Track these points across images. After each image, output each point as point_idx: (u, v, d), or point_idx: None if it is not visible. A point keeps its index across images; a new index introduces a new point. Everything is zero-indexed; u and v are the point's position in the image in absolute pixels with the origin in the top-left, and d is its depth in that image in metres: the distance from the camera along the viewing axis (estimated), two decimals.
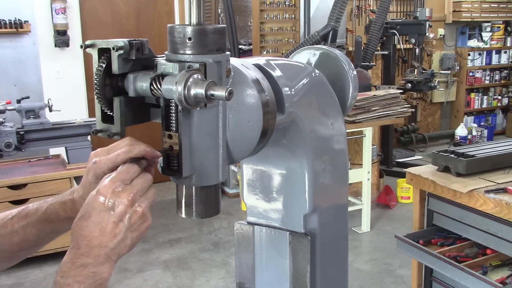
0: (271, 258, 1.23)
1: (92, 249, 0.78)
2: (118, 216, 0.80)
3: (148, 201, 0.84)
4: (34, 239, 1.04)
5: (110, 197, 0.80)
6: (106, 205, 0.80)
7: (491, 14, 7.81)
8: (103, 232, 0.79)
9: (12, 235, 1.02)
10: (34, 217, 1.02)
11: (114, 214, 0.80)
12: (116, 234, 0.80)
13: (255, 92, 0.96)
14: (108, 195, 0.80)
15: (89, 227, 0.79)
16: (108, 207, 0.80)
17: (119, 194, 0.81)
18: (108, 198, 0.80)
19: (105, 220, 0.79)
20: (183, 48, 0.89)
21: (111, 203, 0.80)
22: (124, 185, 0.82)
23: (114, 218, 0.80)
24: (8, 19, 4.87)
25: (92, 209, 0.80)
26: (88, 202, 0.82)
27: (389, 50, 6.32)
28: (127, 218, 0.81)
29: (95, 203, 0.80)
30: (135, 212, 0.82)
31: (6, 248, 1.03)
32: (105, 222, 0.79)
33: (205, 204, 0.99)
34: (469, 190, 2.31)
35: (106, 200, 0.80)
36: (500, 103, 8.44)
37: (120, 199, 0.80)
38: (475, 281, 2.20)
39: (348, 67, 1.30)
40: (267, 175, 1.20)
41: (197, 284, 3.82)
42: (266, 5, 6.24)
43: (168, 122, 0.92)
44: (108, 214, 0.80)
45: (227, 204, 5.35)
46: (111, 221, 0.79)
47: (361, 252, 4.31)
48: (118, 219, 0.80)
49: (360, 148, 4.66)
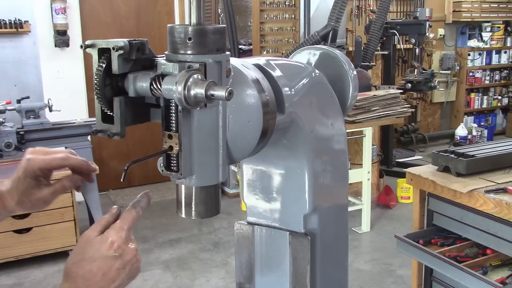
0: (271, 258, 1.23)
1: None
2: (123, 264, 0.83)
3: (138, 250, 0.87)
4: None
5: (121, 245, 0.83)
6: (115, 253, 0.82)
7: (491, 14, 7.81)
8: (105, 277, 0.81)
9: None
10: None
11: (120, 261, 0.83)
12: (115, 280, 0.82)
13: (255, 92, 0.96)
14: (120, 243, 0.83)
15: (93, 271, 0.81)
16: (116, 256, 0.82)
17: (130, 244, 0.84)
18: (119, 246, 0.83)
19: (111, 267, 0.82)
20: (183, 48, 0.89)
21: (120, 251, 0.83)
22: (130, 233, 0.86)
23: (119, 265, 0.82)
24: (8, 19, 4.87)
25: (98, 252, 0.82)
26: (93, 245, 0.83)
27: (389, 50, 6.32)
28: (129, 266, 0.84)
29: (103, 247, 0.82)
30: (137, 261, 0.85)
31: None
32: (110, 268, 0.82)
33: (205, 204, 0.99)
34: (469, 190, 2.31)
35: (116, 247, 0.83)
36: (500, 103, 8.44)
37: (130, 249, 0.84)
38: (475, 281, 2.20)
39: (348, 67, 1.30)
40: (267, 175, 1.20)
41: (197, 284, 3.82)
42: (266, 5, 6.24)
43: (168, 122, 0.92)
44: (115, 261, 0.82)
45: (227, 204, 5.35)
46: (115, 267, 0.82)
47: (361, 252, 4.31)
48: (122, 266, 0.83)
49: (360, 148, 4.66)
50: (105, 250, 0.83)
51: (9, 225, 3.94)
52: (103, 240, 0.84)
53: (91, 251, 0.83)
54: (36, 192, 0.99)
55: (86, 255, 0.83)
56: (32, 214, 3.98)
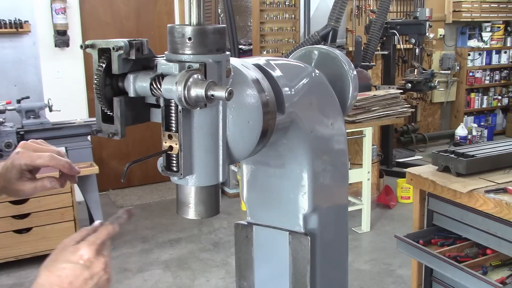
0: (271, 258, 1.23)
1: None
2: (90, 275, 0.86)
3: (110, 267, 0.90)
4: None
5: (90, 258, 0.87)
6: (84, 263, 0.86)
7: (491, 14, 7.81)
8: (72, 285, 0.85)
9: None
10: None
11: (87, 272, 0.86)
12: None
13: (255, 92, 0.96)
14: (89, 255, 0.87)
15: (61, 278, 0.85)
16: (85, 266, 0.86)
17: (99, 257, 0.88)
18: (88, 258, 0.87)
19: (78, 276, 0.85)
20: (183, 48, 0.89)
21: (89, 262, 0.87)
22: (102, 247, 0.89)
23: (86, 275, 0.86)
24: (8, 19, 4.87)
25: (68, 262, 0.86)
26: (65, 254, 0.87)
27: (389, 50, 6.32)
28: (97, 278, 0.87)
29: (73, 257, 0.86)
30: (105, 273, 0.88)
31: None
32: (78, 277, 0.85)
33: (205, 204, 0.99)
34: (469, 190, 2.31)
35: (86, 258, 0.86)
36: (500, 103, 8.44)
37: (98, 262, 0.87)
38: (475, 281, 2.20)
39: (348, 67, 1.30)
40: (267, 175, 1.20)
41: (197, 284, 3.82)
42: (266, 5, 6.24)
43: (168, 122, 0.92)
44: (82, 271, 0.86)
45: (227, 204, 5.35)
46: (82, 277, 0.86)
47: (361, 252, 4.31)
48: (89, 277, 0.86)
49: (360, 148, 4.66)
50: (75, 260, 0.86)
51: (9, 225, 3.94)
52: (75, 250, 0.87)
53: (63, 259, 0.87)
54: (19, 183, 1.05)
55: (58, 261, 0.87)
56: (32, 214, 3.98)
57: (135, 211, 0.98)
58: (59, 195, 4.04)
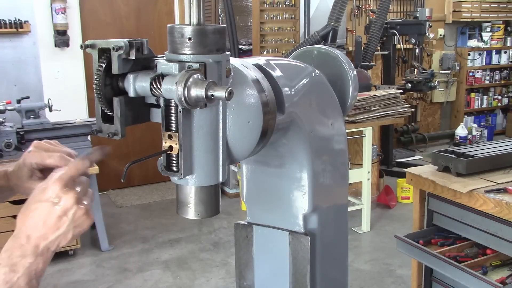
0: (271, 258, 1.23)
1: (31, 240, 0.83)
2: (63, 211, 0.84)
3: (90, 200, 0.88)
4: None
5: (58, 193, 0.84)
6: (53, 200, 0.83)
7: (491, 14, 7.81)
8: (46, 224, 0.83)
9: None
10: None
11: (59, 208, 0.84)
12: (59, 227, 0.84)
13: (255, 92, 0.96)
14: (56, 191, 0.84)
15: (34, 218, 0.83)
16: (54, 202, 0.83)
17: (67, 191, 0.85)
18: (56, 194, 0.84)
19: (50, 214, 0.83)
20: (183, 48, 0.89)
21: (58, 199, 0.84)
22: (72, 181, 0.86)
23: (59, 212, 0.83)
24: (8, 19, 4.87)
25: (39, 201, 0.84)
26: (35, 195, 0.85)
27: (389, 50, 6.32)
28: (71, 213, 0.84)
29: (42, 196, 0.84)
30: (79, 209, 0.85)
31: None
32: (50, 215, 0.83)
33: (205, 204, 0.99)
34: (469, 190, 2.31)
35: (54, 195, 0.84)
36: (500, 103, 8.44)
37: (67, 196, 0.84)
38: (475, 281, 2.20)
39: (348, 67, 1.30)
40: (267, 175, 1.20)
41: (197, 284, 3.82)
42: (266, 5, 6.24)
43: (168, 122, 0.92)
44: (53, 208, 0.83)
45: (227, 204, 5.35)
46: (55, 215, 0.83)
47: (361, 252, 4.31)
48: (62, 213, 0.84)
49: (360, 148, 4.66)
50: (44, 198, 0.84)
51: (9, 225, 3.94)
52: (44, 189, 0.85)
53: (33, 199, 0.85)
54: (29, 182, 1.04)
55: (29, 203, 0.85)
56: None
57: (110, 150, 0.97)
58: None
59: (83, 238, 4.39)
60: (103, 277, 3.96)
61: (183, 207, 0.99)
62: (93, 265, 4.17)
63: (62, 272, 4.01)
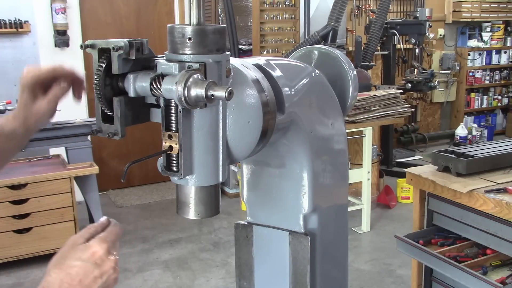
0: (271, 258, 1.23)
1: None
2: (100, 274, 0.87)
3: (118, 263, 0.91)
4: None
5: (102, 256, 0.87)
6: (96, 261, 0.87)
7: (491, 14, 7.81)
8: (81, 283, 0.85)
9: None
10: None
11: (98, 271, 0.86)
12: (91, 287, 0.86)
13: (255, 92, 0.96)
14: (100, 253, 0.87)
15: (71, 276, 0.85)
16: (97, 264, 0.87)
17: (109, 255, 0.88)
18: (100, 256, 0.87)
19: (88, 274, 0.86)
20: (183, 48, 0.89)
21: (100, 261, 0.87)
22: (113, 247, 0.90)
23: (96, 273, 0.86)
24: (8, 19, 4.87)
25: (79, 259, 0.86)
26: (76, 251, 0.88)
27: (389, 50, 6.32)
28: (106, 276, 0.87)
29: (84, 255, 0.87)
30: (114, 272, 0.89)
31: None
32: (88, 275, 0.86)
33: (205, 204, 0.99)
34: (469, 190, 2.31)
35: (97, 257, 0.87)
36: (500, 103, 8.44)
37: (109, 261, 0.88)
38: (475, 281, 2.20)
39: (348, 67, 1.30)
40: (267, 175, 1.20)
41: (197, 284, 3.82)
42: (266, 5, 6.24)
43: (168, 122, 0.92)
44: (93, 269, 0.86)
45: (227, 204, 5.35)
46: (92, 275, 0.86)
47: (361, 252, 4.31)
48: (99, 275, 0.87)
49: (360, 148, 4.66)
50: (86, 258, 0.87)
51: (9, 225, 3.94)
52: (86, 248, 0.88)
53: (73, 257, 0.87)
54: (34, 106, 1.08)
55: (68, 259, 0.87)
56: (32, 214, 3.98)
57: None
58: (59, 195, 4.04)
59: None
60: None
61: (183, 207, 0.99)
62: None
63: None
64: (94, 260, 0.87)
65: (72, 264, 0.86)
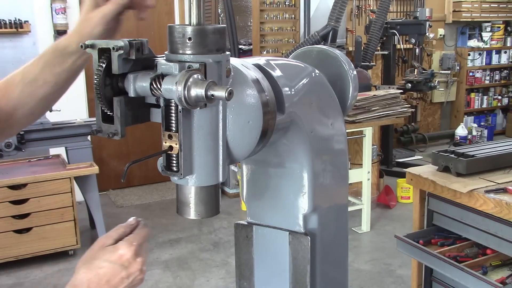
0: (271, 258, 1.23)
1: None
2: (127, 275, 0.91)
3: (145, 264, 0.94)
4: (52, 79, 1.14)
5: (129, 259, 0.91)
6: (124, 264, 0.90)
7: (491, 14, 7.81)
8: (109, 283, 0.89)
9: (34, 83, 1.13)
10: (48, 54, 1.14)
11: (125, 272, 0.90)
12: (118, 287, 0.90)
13: (255, 92, 0.96)
14: (128, 256, 0.91)
15: (99, 276, 0.89)
16: (124, 266, 0.90)
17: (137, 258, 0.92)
18: (128, 259, 0.90)
19: (116, 275, 0.90)
20: (183, 48, 0.89)
21: (128, 263, 0.91)
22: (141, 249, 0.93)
23: (123, 275, 0.90)
24: (8, 19, 4.87)
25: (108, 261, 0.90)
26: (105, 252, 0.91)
27: (389, 50, 6.32)
28: (133, 277, 0.91)
29: (112, 257, 0.91)
30: (141, 273, 0.93)
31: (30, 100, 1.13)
32: (115, 276, 0.90)
33: (205, 204, 0.99)
34: (469, 190, 2.31)
35: (125, 259, 0.90)
36: (500, 103, 8.44)
37: (136, 263, 0.91)
38: (475, 281, 2.20)
39: (348, 67, 1.30)
40: (267, 175, 1.20)
41: (197, 284, 3.82)
42: (266, 5, 6.24)
43: (168, 122, 0.92)
44: (120, 271, 0.90)
45: (227, 204, 5.35)
46: (120, 276, 0.90)
47: (361, 252, 4.31)
48: (126, 276, 0.91)
49: (360, 148, 4.66)
50: (114, 260, 0.90)
51: (9, 225, 3.94)
52: (114, 250, 0.91)
53: (102, 258, 0.91)
54: (91, 13, 1.05)
55: (96, 259, 0.91)
56: (32, 214, 3.98)
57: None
58: (59, 195, 4.04)
59: (83, 238, 4.39)
60: None
61: (183, 207, 0.99)
62: None
63: (62, 272, 4.01)
64: (122, 262, 0.90)
65: (100, 265, 0.90)
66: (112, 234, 0.94)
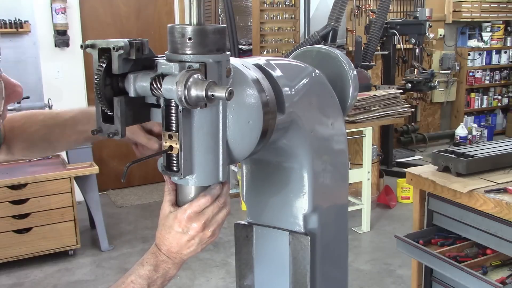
0: (271, 258, 1.23)
1: (171, 253, 1.02)
2: (190, 237, 1.00)
3: (217, 223, 1.04)
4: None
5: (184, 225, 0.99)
6: (182, 229, 0.99)
7: (491, 14, 7.81)
8: (179, 244, 1.01)
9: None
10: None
11: (185, 236, 1.00)
12: (189, 247, 1.01)
13: (255, 92, 0.96)
14: (182, 222, 0.99)
15: (169, 240, 1.01)
16: (183, 232, 0.99)
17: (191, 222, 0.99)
18: (183, 225, 0.99)
19: (180, 239, 1.00)
20: (183, 48, 0.89)
21: (185, 228, 0.99)
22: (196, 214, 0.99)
23: (186, 237, 1.00)
24: (8, 19, 4.87)
25: (170, 228, 1.01)
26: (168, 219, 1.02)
27: (389, 50, 6.32)
28: (198, 238, 1.00)
29: (173, 224, 1.00)
30: (204, 234, 1.01)
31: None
32: (180, 239, 1.00)
33: None
34: (469, 190, 2.31)
35: (180, 225, 0.99)
36: (500, 103, 8.44)
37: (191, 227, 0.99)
38: (475, 281, 2.20)
39: (348, 67, 1.30)
40: (267, 175, 1.20)
41: (197, 284, 3.82)
42: (266, 5, 6.24)
43: (168, 122, 0.92)
44: (181, 234, 1.00)
45: None
46: (184, 239, 1.00)
47: (361, 252, 4.31)
48: (190, 238, 1.00)
49: (360, 148, 4.66)
50: (175, 226, 1.00)
51: (9, 225, 3.94)
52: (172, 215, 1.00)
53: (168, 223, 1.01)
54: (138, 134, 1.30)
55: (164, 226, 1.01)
56: (32, 214, 3.98)
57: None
58: (59, 195, 4.04)
59: (83, 238, 4.39)
60: (103, 277, 3.96)
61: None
62: (93, 265, 4.17)
63: (62, 272, 4.01)
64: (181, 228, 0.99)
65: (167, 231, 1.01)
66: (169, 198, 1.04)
